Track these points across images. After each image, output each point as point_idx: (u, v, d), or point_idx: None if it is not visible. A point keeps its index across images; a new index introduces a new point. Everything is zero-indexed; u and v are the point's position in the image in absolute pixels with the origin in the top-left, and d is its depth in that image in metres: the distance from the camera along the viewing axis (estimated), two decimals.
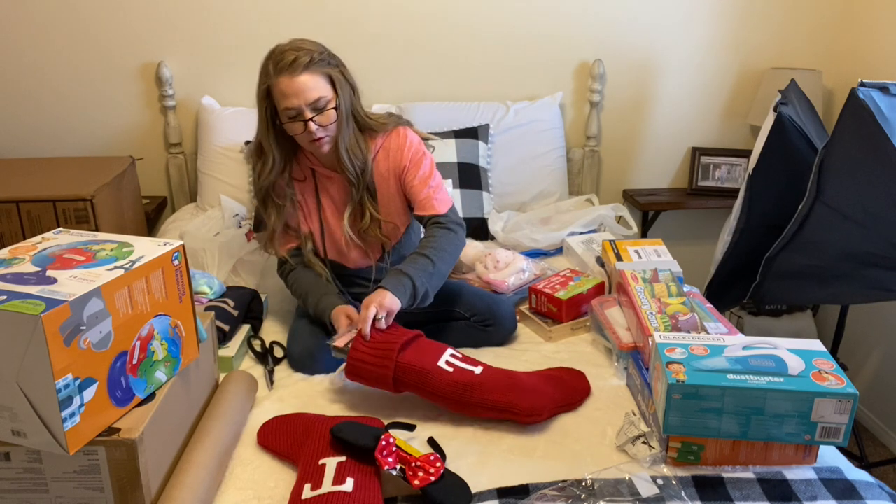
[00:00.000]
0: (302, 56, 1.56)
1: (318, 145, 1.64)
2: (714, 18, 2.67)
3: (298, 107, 1.58)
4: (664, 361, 1.27)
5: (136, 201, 2.37)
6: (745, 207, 1.92)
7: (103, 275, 1.06)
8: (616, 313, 1.70)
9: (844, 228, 1.76)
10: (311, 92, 1.57)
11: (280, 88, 1.57)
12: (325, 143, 1.65)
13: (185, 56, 2.54)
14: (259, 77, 1.63)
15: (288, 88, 1.57)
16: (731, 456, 1.26)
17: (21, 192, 1.99)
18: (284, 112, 1.60)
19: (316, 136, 1.61)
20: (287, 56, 1.56)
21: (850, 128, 1.69)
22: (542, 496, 1.18)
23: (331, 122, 1.62)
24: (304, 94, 1.57)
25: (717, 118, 2.81)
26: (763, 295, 1.94)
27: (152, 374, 1.17)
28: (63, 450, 1.01)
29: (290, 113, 1.59)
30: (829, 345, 2.37)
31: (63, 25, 2.46)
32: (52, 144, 2.60)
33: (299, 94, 1.57)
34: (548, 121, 2.62)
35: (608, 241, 1.97)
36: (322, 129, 1.61)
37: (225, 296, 1.81)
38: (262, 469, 1.28)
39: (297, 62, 1.55)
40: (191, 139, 2.64)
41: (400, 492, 1.22)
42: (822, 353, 1.31)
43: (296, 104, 1.57)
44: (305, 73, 1.56)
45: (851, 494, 1.19)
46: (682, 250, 2.73)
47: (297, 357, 1.65)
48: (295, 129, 1.62)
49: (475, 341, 1.75)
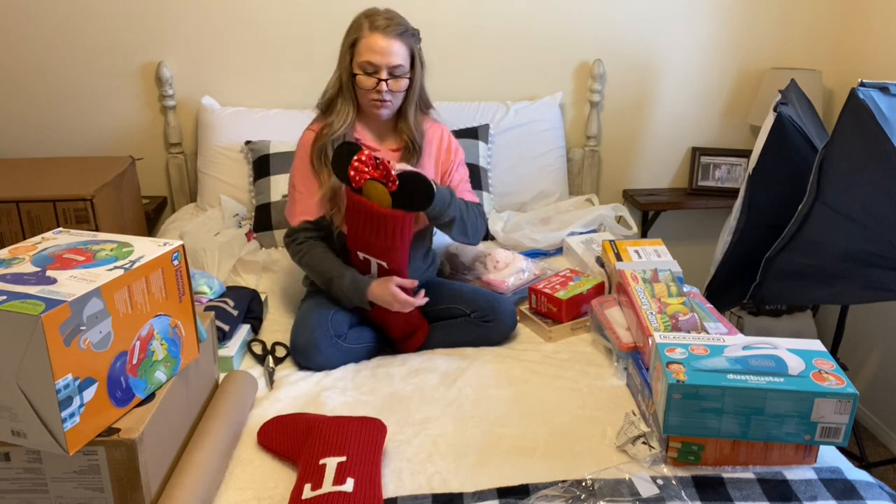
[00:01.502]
0: (397, 23, 1.69)
1: (380, 107, 1.72)
2: (714, 18, 2.67)
3: (379, 64, 1.67)
4: (664, 361, 1.27)
5: (136, 201, 2.37)
6: (745, 207, 1.92)
7: (103, 275, 1.06)
8: (616, 313, 1.70)
9: (844, 228, 1.76)
10: (394, 56, 1.68)
11: (369, 43, 1.67)
12: (385, 108, 1.73)
13: (185, 56, 2.54)
14: (349, 30, 1.73)
15: (376, 45, 1.66)
16: (731, 456, 1.26)
17: (21, 192, 1.99)
18: (363, 65, 1.68)
19: (382, 98, 1.70)
20: (383, 18, 1.69)
21: (850, 128, 1.69)
22: (542, 496, 1.18)
23: (399, 91, 1.72)
24: (389, 57, 1.67)
25: (717, 118, 2.81)
26: (763, 295, 1.94)
27: (152, 374, 1.17)
28: (63, 450, 1.01)
29: (368, 68, 1.68)
30: (829, 345, 2.37)
31: (63, 25, 2.46)
32: (52, 144, 2.60)
33: (385, 54, 1.67)
34: (548, 121, 2.62)
35: (608, 241, 1.97)
36: (390, 93, 1.71)
37: (225, 296, 1.81)
38: (262, 469, 1.28)
39: (392, 27, 1.68)
40: (191, 139, 2.64)
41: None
42: (822, 353, 1.31)
43: (378, 61, 1.67)
44: (395, 39, 1.68)
45: (851, 494, 1.19)
46: (682, 250, 2.73)
47: (301, 347, 1.65)
48: (367, 83, 1.70)
49: (476, 338, 1.76)
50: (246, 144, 2.46)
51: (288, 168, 2.34)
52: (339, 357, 1.67)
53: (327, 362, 1.65)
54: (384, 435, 1.30)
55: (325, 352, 1.64)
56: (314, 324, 1.67)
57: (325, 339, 1.64)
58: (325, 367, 1.66)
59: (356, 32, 1.70)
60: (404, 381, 1.59)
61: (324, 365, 1.65)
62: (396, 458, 1.31)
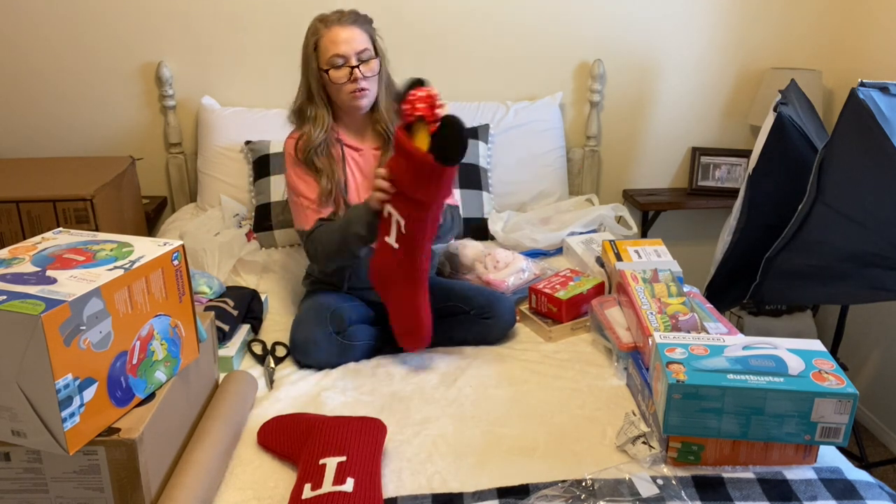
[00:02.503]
0: (349, 12, 1.74)
1: (360, 96, 1.73)
2: (714, 18, 2.67)
3: (346, 54, 1.70)
4: (664, 361, 1.27)
5: (136, 201, 2.37)
6: (745, 207, 1.92)
7: (103, 275, 1.06)
8: (616, 313, 1.70)
9: (844, 228, 1.76)
10: (358, 42, 1.71)
11: (330, 37, 1.70)
12: (365, 96, 1.75)
13: (185, 56, 2.54)
14: (306, 37, 1.75)
15: (338, 36, 1.70)
16: (731, 456, 1.26)
17: (21, 192, 1.99)
18: (331, 60, 1.70)
19: (360, 86, 1.72)
20: (334, 13, 1.73)
21: (850, 128, 1.69)
22: (542, 496, 1.18)
23: (373, 74, 1.75)
24: (353, 43, 1.70)
25: (717, 118, 2.81)
26: (763, 295, 1.94)
27: (152, 374, 1.17)
28: (63, 450, 1.01)
29: (337, 61, 1.70)
30: (829, 345, 2.37)
31: (63, 25, 2.46)
32: (52, 144, 2.60)
33: (349, 41, 1.70)
34: (548, 121, 2.62)
35: (608, 241, 1.97)
36: (365, 80, 1.72)
37: (225, 296, 1.81)
38: (262, 469, 1.28)
39: (346, 16, 1.73)
40: (191, 139, 2.64)
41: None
42: (822, 353, 1.31)
43: (345, 51, 1.69)
44: (354, 26, 1.72)
45: (851, 494, 1.19)
46: (682, 250, 2.73)
47: (301, 343, 1.65)
48: (340, 76, 1.71)
49: (476, 336, 1.77)
50: (246, 144, 2.46)
51: None
52: (339, 354, 1.66)
53: (326, 359, 1.65)
54: (384, 435, 1.30)
55: (324, 348, 1.64)
56: (314, 320, 1.67)
57: (325, 335, 1.64)
58: (324, 364, 1.65)
59: (314, 35, 1.74)
60: (404, 381, 1.59)
61: (323, 362, 1.65)
62: (396, 458, 1.31)
